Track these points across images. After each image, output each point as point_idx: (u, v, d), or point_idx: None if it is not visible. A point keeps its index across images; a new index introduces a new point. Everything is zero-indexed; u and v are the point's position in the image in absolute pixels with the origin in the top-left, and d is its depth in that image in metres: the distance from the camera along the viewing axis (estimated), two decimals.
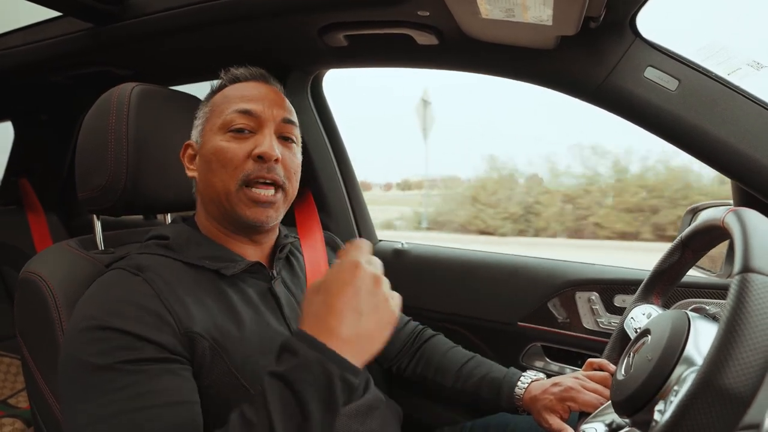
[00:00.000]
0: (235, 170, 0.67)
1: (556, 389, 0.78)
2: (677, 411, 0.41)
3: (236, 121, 0.69)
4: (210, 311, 0.64)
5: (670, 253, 0.72)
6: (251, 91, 0.72)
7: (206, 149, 0.70)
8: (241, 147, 0.68)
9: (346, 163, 1.32)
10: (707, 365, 0.40)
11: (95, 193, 0.77)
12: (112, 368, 0.53)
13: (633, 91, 0.83)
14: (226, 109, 0.70)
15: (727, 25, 4.84)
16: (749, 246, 0.45)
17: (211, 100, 0.74)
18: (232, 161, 0.67)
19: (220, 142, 0.69)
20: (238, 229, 0.73)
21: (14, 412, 1.27)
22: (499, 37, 0.86)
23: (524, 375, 0.86)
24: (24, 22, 1.18)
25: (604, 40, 0.83)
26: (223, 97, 0.72)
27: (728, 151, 0.79)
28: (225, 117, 0.70)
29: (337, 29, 0.93)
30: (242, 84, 0.74)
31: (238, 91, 0.72)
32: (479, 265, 1.21)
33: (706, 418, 0.39)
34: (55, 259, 0.75)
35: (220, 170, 0.68)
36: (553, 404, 0.77)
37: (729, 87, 0.79)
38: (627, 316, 0.74)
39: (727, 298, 0.43)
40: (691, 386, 0.41)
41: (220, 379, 0.61)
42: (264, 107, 0.70)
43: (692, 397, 0.40)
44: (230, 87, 0.74)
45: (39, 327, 0.70)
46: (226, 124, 0.69)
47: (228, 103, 0.71)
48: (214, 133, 0.70)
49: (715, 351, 0.40)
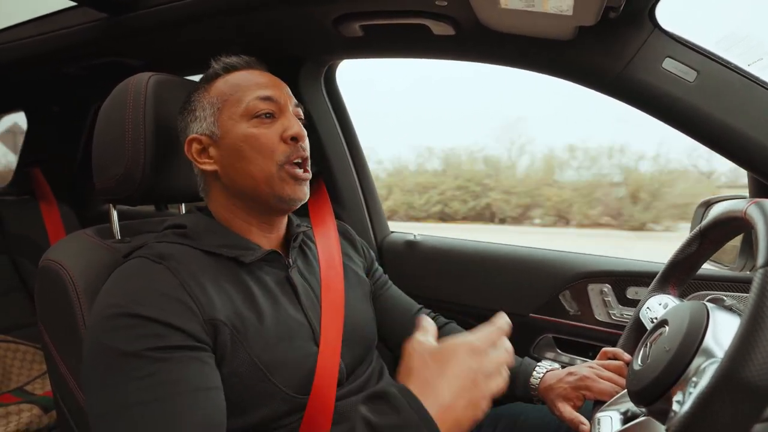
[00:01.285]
0: (272, 154, 0.69)
1: (571, 378, 0.79)
2: (697, 402, 0.41)
3: (260, 107, 0.70)
4: (231, 299, 0.64)
5: (688, 243, 0.72)
6: (260, 78, 0.73)
7: (231, 138, 0.70)
8: (270, 131, 0.70)
9: (358, 153, 1.32)
10: (729, 357, 0.40)
11: (112, 182, 0.77)
12: (139, 355, 0.54)
13: (651, 83, 0.82)
14: (244, 96, 0.70)
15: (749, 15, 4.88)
16: None
17: (212, 90, 0.73)
18: (267, 146, 0.69)
19: (249, 129, 0.70)
20: (264, 214, 0.74)
21: (31, 399, 1.29)
22: (516, 27, 0.85)
23: (539, 365, 0.87)
24: (38, 12, 1.18)
25: (622, 30, 0.82)
26: (233, 86, 0.72)
27: (747, 143, 0.78)
28: (247, 104, 0.70)
29: (353, 19, 0.92)
30: (243, 72, 0.74)
31: (247, 79, 0.72)
32: (491, 256, 1.21)
33: (727, 410, 0.39)
34: (74, 247, 0.76)
35: (255, 156, 0.69)
36: (567, 393, 0.78)
37: (749, 78, 0.78)
38: (643, 305, 0.74)
39: (751, 290, 0.42)
40: (712, 378, 0.41)
41: (240, 367, 0.62)
42: (280, 92, 0.73)
43: (713, 388, 0.40)
44: (232, 75, 0.74)
45: (60, 314, 0.71)
46: (249, 111, 0.70)
47: (244, 91, 0.71)
48: (237, 121, 0.70)
49: (737, 343, 0.40)
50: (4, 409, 1.21)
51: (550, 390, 0.81)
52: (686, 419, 0.42)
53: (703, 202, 1.09)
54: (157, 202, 0.86)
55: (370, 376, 0.79)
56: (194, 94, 0.75)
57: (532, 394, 0.84)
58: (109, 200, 0.82)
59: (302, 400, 0.66)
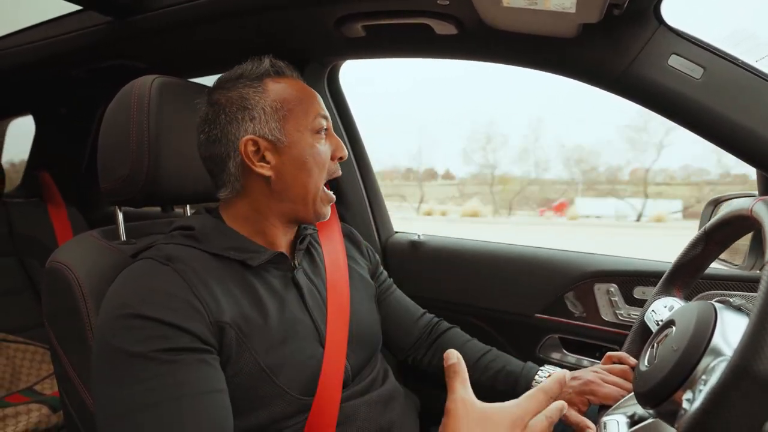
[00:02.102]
0: (324, 170, 0.73)
1: (575, 383, 0.78)
2: (710, 398, 0.40)
3: (322, 124, 0.73)
4: (237, 301, 0.64)
5: (693, 245, 0.71)
6: (314, 94, 0.75)
7: (299, 148, 0.70)
8: (326, 149, 0.74)
9: (362, 155, 1.32)
10: (741, 352, 0.40)
11: (117, 184, 0.78)
12: (146, 356, 0.54)
13: (656, 80, 0.81)
14: (309, 110, 0.72)
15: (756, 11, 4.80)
16: None
17: (273, 94, 0.70)
18: (324, 162, 0.73)
19: (317, 144, 0.72)
20: (294, 221, 0.76)
21: (40, 398, 1.31)
22: (519, 26, 0.85)
23: (542, 369, 0.86)
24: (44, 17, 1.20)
25: (627, 27, 0.81)
26: (297, 97, 0.72)
27: (755, 141, 0.77)
28: (315, 120, 0.72)
29: (355, 19, 0.92)
30: (294, 82, 0.74)
31: (306, 92, 0.74)
32: (496, 256, 1.21)
33: (741, 405, 0.39)
34: (80, 249, 0.76)
35: (315, 171, 0.72)
36: (572, 398, 0.77)
37: (756, 74, 0.77)
38: (648, 308, 0.73)
39: (760, 286, 0.42)
40: (724, 373, 0.40)
41: (245, 368, 0.62)
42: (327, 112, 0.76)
43: (725, 383, 0.40)
44: (285, 82, 0.73)
45: (66, 315, 0.71)
46: (315, 126, 0.72)
47: (308, 104, 0.72)
48: (302, 133, 0.71)
49: (748, 337, 0.40)
50: (14, 408, 1.23)
51: None
52: (698, 416, 0.41)
53: (711, 201, 1.07)
54: (161, 204, 0.87)
55: (375, 377, 0.79)
56: (246, 91, 0.70)
57: None
58: (114, 202, 0.83)
59: (307, 401, 0.66)
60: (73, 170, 1.75)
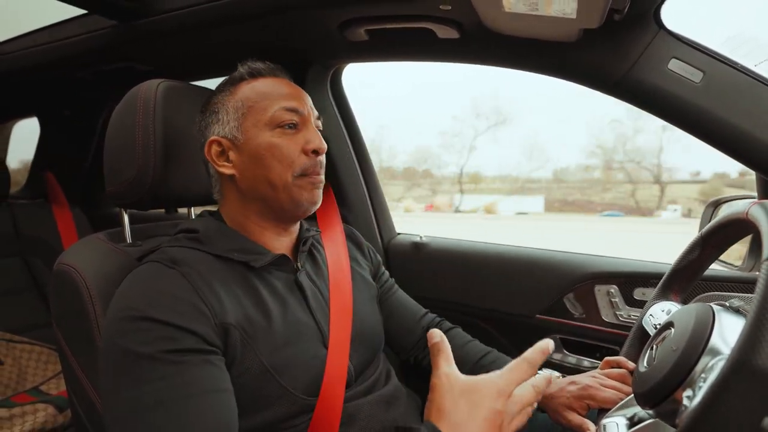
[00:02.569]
0: (291, 164, 0.71)
1: (573, 387, 0.78)
2: (710, 392, 0.41)
3: (285, 117, 0.72)
4: (241, 303, 0.65)
5: (690, 249, 0.72)
6: (287, 89, 0.74)
7: (253, 145, 0.71)
8: (292, 142, 0.72)
9: (365, 156, 1.33)
10: (741, 346, 0.40)
11: (123, 187, 0.79)
12: (153, 357, 0.55)
13: (656, 84, 0.82)
14: (269, 106, 0.72)
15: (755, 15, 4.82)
16: None
17: (238, 94, 0.73)
18: (288, 157, 0.71)
19: (272, 138, 0.71)
20: (279, 219, 0.75)
21: (46, 398, 1.32)
22: (520, 31, 0.86)
23: (539, 372, 0.86)
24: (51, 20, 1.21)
25: (627, 32, 0.82)
26: (260, 93, 0.73)
27: (755, 144, 0.78)
28: (272, 114, 0.71)
29: (358, 24, 0.93)
30: (268, 80, 0.75)
31: (273, 88, 0.73)
32: (498, 257, 1.22)
33: (740, 398, 0.39)
34: (87, 251, 0.77)
35: (275, 164, 0.71)
36: (570, 402, 0.77)
37: (756, 78, 0.78)
38: (646, 313, 0.74)
39: (758, 282, 0.43)
40: (724, 367, 0.41)
41: (249, 369, 0.63)
42: (304, 104, 0.74)
43: (725, 378, 0.40)
44: (257, 82, 0.74)
45: (74, 316, 0.72)
46: (274, 120, 0.71)
47: (270, 100, 0.72)
48: (260, 129, 0.71)
49: (748, 332, 0.40)
50: (20, 408, 1.24)
51: (551, 399, 0.80)
52: (699, 410, 0.42)
53: (711, 202, 1.08)
54: (167, 206, 0.88)
55: (378, 378, 0.80)
56: (218, 96, 0.75)
57: None
58: (119, 204, 0.83)
59: (311, 402, 0.67)
60: (77, 171, 1.76)
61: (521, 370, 0.52)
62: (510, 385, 0.51)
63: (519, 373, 0.52)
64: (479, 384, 0.51)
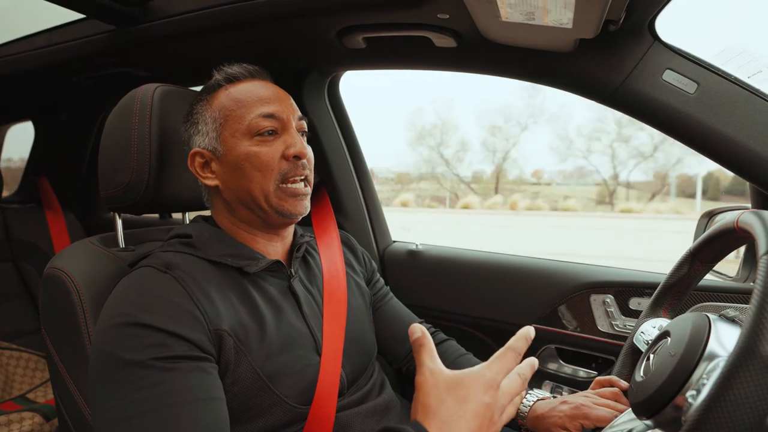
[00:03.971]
0: (271, 172, 0.70)
1: (565, 407, 0.76)
2: (719, 383, 0.41)
3: (262, 125, 0.70)
4: (235, 309, 0.65)
5: (679, 265, 0.72)
6: (264, 92, 0.72)
7: (234, 155, 0.70)
8: (271, 149, 0.70)
9: (361, 163, 1.33)
10: (746, 336, 0.40)
11: (117, 191, 0.78)
12: (144, 364, 0.54)
13: (651, 95, 0.83)
14: (246, 113, 0.70)
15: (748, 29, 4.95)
16: None
17: (214, 104, 0.72)
18: (268, 165, 0.69)
19: (250, 147, 0.69)
20: (268, 227, 0.74)
21: (33, 407, 1.29)
22: (517, 40, 0.86)
23: (530, 393, 0.84)
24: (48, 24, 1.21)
25: (622, 43, 0.83)
26: (235, 101, 0.71)
27: (747, 155, 0.78)
28: (249, 122, 0.70)
29: (356, 31, 0.94)
30: (245, 84, 0.73)
31: (249, 93, 0.72)
32: (493, 266, 1.21)
33: (751, 386, 0.39)
34: (79, 255, 0.76)
35: (255, 174, 0.69)
36: (564, 422, 0.75)
37: (749, 90, 0.79)
38: (637, 330, 0.73)
39: (757, 277, 0.43)
40: (731, 357, 0.41)
41: (242, 376, 0.62)
42: (283, 107, 0.72)
43: (734, 366, 0.40)
44: (234, 88, 0.73)
45: (64, 322, 0.71)
46: (251, 128, 0.70)
47: (246, 107, 0.70)
48: (239, 138, 0.70)
49: (752, 322, 0.40)
50: (6, 417, 1.21)
51: (542, 419, 0.78)
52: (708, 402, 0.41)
53: (705, 213, 1.08)
54: (161, 211, 0.87)
55: (372, 388, 0.79)
56: (196, 106, 0.74)
57: (520, 423, 0.82)
58: (113, 209, 0.83)
59: (303, 410, 0.66)
60: (72, 176, 1.75)
61: (507, 359, 0.50)
62: (497, 376, 0.49)
63: (505, 362, 0.50)
64: (466, 378, 0.49)
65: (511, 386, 0.50)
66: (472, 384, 0.48)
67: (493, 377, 0.49)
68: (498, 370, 0.50)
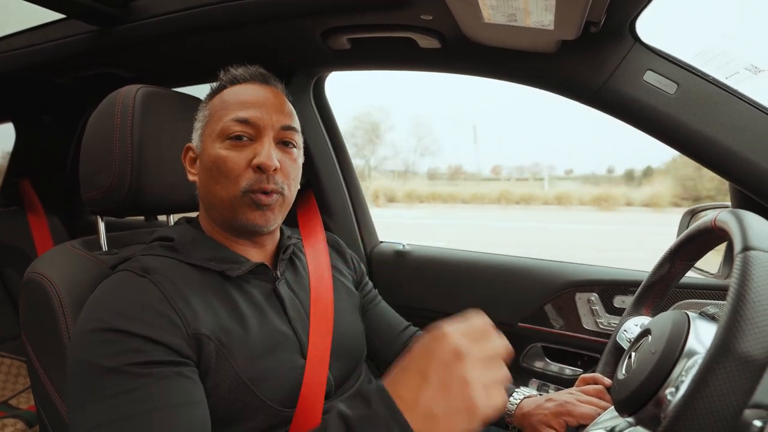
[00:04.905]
0: (237, 179, 0.67)
1: (550, 404, 0.77)
2: (696, 381, 0.42)
3: (233, 129, 0.68)
4: (216, 312, 0.64)
5: (660, 264, 0.73)
6: (250, 96, 0.70)
7: (206, 156, 0.70)
8: (240, 156, 0.68)
9: (347, 164, 1.32)
10: (722, 333, 0.41)
11: (99, 194, 0.77)
12: (121, 371, 0.53)
13: (632, 95, 0.84)
14: (224, 116, 0.69)
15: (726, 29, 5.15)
16: (746, 228, 0.49)
17: (210, 103, 0.73)
18: (233, 171, 0.67)
19: (220, 150, 0.68)
20: (239, 233, 0.73)
21: (15, 413, 1.27)
22: (500, 41, 0.87)
23: (517, 391, 0.85)
24: (29, 23, 1.19)
25: (604, 44, 0.84)
26: (222, 102, 0.71)
27: (726, 154, 0.80)
28: (223, 124, 0.69)
29: (341, 32, 0.94)
30: (242, 87, 0.73)
31: (236, 96, 0.71)
32: (480, 266, 1.22)
33: (727, 383, 0.40)
34: (59, 259, 0.75)
35: (221, 179, 0.68)
36: (548, 419, 0.76)
37: (727, 91, 0.80)
38: (620, 329, 0.74)
39: (732, 275, 0.45)
40: (708, 355, 0.42)
41: (225, 380, 0.61)
42: (263, 114, 0.69)
43: (710, 364, 0.41)
44: (230, 90, 0.73)
45: (44, 327, 0.70)
46: (223, 131, 0.69)
47: (226, 110, 0.70)
48: (213, 140, 0.69)
49: (728, 319, 0.42)
50: None
51: (528, 417, 0.79)
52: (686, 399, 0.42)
53: (688, 212, 1.10)
54: (144, 214, 0.86)
55: (359, 390, 0.79)
56: (203, 103, 0.76)
57: (507, 421, 0.83)
58: (96, 211, 0.82)
59: (288, 414, 0.66)
60: (54, 179, 1.72)
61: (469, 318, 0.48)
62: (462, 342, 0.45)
63: (468, 321, 0.48)
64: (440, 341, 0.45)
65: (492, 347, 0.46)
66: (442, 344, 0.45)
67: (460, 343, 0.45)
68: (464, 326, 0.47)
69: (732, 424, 0.40)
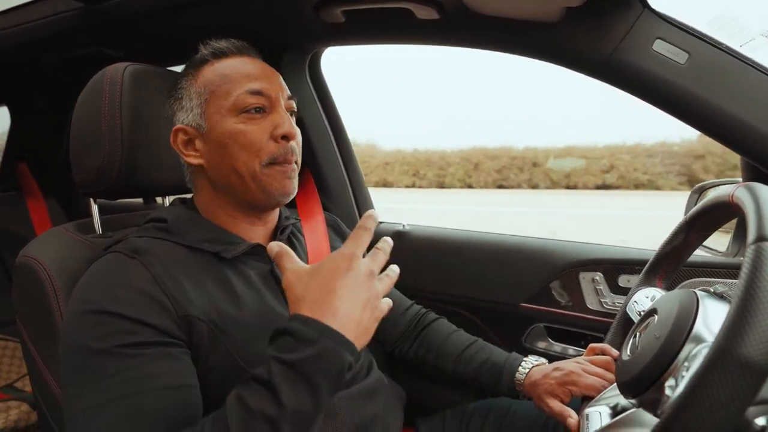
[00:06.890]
0: (258, 152, 0.67)
1: (557, 374, 0.77)
2: (693, 382, 0.40)
3: (249, 101, 0.67)
4: (209, 294, 0.63)
5: (674, 234, 0.71)
6: (251, 68, 0.70)
7: (218, 133, 0.68)
8: (259, 128, 0.68)
9: (345, 143, 1.30)
10: (724, 334, 0.39)
11: (90, 175, 0.76)
12: (109, 352, 0.53)
13: (641, 65, 0.80)
14: (232, 89, 0.67)
15: None
16: (763, 216, 0.44)
17: (201, 79, 0.70)
18: (254, 144, 0.67)
19: (237, 125, 0.67)
20: (252, 209, 0.72)
21: (21, 396, 1.29)
22: (502, 10, 0.83)
23: (525, 360, 0.85)
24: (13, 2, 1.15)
25: (611, 11, 0.79)
26: (222, 76, 0.69)
27: (739, 127, 0.76)
28: (235, 98, 0.67)
29: (334, 4, 0.90)
30: (234, 59, 0.71)
31: (236, 69, 0.69)
32: (482, 246, 1.20)
33: (724, 388, 0.38)
34: (52, 243, 0.74)
35: (241, 153, 0.67)
36: (553, 388, 0.76)
37: (741, 59, 0.76)
38: (630, 299, 0.73)
39: (742, 267, 0.41)
40: (708, 356, 0.39)
41: (220, 362, 0.61)
42: (271, 85, 0.69)
43: (709, 367, 0.39)
44: (222, 63, 0.70)
45: (38, 311, 0.70)
46: (238, 105, 0.67)
47: (233, 83, 0.68)
48: (224, 115, 0.67)
49: (732, 319, 0.39)
50: None
51: (535, 385, 0.79)
52: (682, 399, 0.40)
53: (696, 188, 1.07)
54: (137, 196, 0.84)
55: (359, 370, 0.79)
56: (182, 81, 0.72)
57: (518, 390, 0.83)
58: (87, 194, 0.80)
59: None
60: (51, 162, 1.71)
61: (358, 235, 0.54)
62: (354, 249, 0.53)
63: (357, 238, 0.54)
64: (324, 261, 0.52)
65: (377, 259, 0.54)
66: (331, 261, 0.52)
67: (350, 251, 0.52)
68: (353, 245, 0.53)
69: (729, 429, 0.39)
